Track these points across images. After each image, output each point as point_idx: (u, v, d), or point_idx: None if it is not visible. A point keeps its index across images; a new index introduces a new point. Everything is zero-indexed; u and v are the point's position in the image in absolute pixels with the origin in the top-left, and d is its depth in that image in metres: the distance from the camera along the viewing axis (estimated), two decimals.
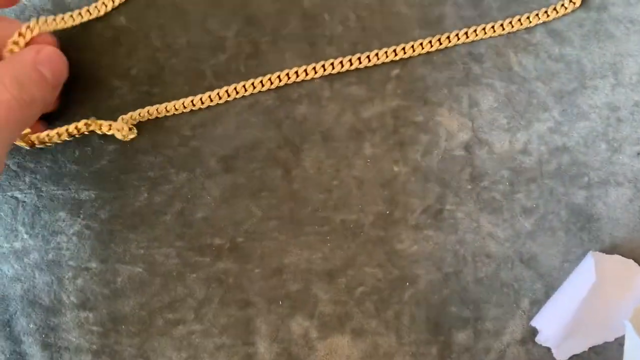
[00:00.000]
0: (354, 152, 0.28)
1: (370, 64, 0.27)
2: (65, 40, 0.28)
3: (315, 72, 0.27)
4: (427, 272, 0.27)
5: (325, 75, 0.28)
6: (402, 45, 0.27)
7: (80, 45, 0.28)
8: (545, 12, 0.27)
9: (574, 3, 0.27)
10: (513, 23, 0.27)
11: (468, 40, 0.27)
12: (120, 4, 0.28)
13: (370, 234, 0.27)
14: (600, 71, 0.27)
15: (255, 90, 0.28)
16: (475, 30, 0.27)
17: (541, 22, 0.27)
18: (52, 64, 0.26)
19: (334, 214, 0.27)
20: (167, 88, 0.28)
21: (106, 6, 0.28)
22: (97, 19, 0.28)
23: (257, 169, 0.28)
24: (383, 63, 0.27)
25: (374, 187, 0.27)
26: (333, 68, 0.27)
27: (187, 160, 0.28)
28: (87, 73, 0.28)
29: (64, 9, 0.28)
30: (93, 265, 0.27)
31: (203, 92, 0.27)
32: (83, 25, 0.28)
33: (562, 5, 0.27)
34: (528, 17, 0.27)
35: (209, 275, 0.27)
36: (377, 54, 0.27)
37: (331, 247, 0.27)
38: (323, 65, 0.27)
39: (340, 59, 0.27)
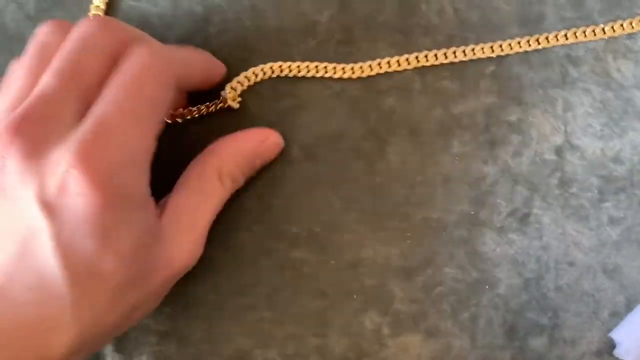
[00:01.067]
0: (442, 149, 0.27)
1: (466, 59, 0.27)
2: (152, 14, 0.27)
3: (409, 64, 0.27)
4: (507, 277, 0.27)
5: (418, 68, 0.27)
6: (499, 42, 0.27)
7: (167, 20, 0.27)
8: None
9: None
10: (615, 28, 0.27)
11: (567, 42, 0.27)
12: None
13: (452, 233, 0.27)
14: None
15: (345, 76, 0.27)
16: (575, 33, 0.27)
17: (638, 30, 0.27)
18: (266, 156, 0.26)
19: (416, 211, 0.27)
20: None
21: None
22: None
23: (340, 159, 0.27)
24: (478, 59, 0.27)
25: (460, 185, 0.27)
26: (427, 60, 0.27)
27: None
28: None
29: None
30: None
31: (291, 78, 0.27)
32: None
33: None
34: (631, 23, 0.26)
35: (283, 262, 0.27)
36: (473, 49, 0.27)
37: (410, 244, 0.27)
38: (417, 57, 0.27)
39: (434, 52, 0.27)
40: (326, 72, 0.27)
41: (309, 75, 0.27)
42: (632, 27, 0.26)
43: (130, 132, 0.21)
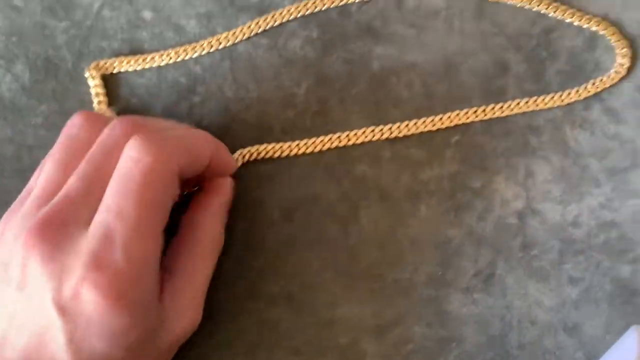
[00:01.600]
0: (410, 213, 0.29)
1: (433, 129, 0.28)
2: (138, 85, 0.29)
3: (382, 135, 0.28)
4: (473, 334, 0.28)
5: (388, 138, 0.29)
6: (464, 111, 0.28)
7: (153, 90, 0.29)
8: (593, 83, 0.28)
9: (619, 73, 0.28)
10: (571, 94, 0.28)
11: (526, 110, 0.28)
12: (197, 56, 0.29)
13: (421, 293, 0.28)
14: None
15: (324, 148, 0.29)
16: (535, 101, 0.28)
17: (592, 93, 0.28)
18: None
19: (387, 271, 0.28)
20: (236, 139, 0.29)
21: (184, 54, 0.29)
22: (173, 65, 0.29)
23: (316, 222, 0.29)
24: (444, 128, 0.29)
25: (427, 248, 0.28)
26: (398, 131, 0.28)
27: (248, 210, 0.29)
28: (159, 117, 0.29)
29: (141, 51, 0.29)
30: None
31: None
32: (158, 69, 0.29)
33: (609, 76, 0.28)
34: (586, 87, 0.28)
35: (262, 320, 0.28)
36: (440, 118, 0.28)
37: (382, 304, 0.28)
38: (390, 128, 0.28)
39: (405, 123, 0.28)
40: (306, 148, 0.28)
41: (291, 154, 0.29)
42: (588, 92, 0.28)
43: (134, 241, 0.23)
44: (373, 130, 0.28)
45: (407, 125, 0.28)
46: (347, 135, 0.29)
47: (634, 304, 0.28)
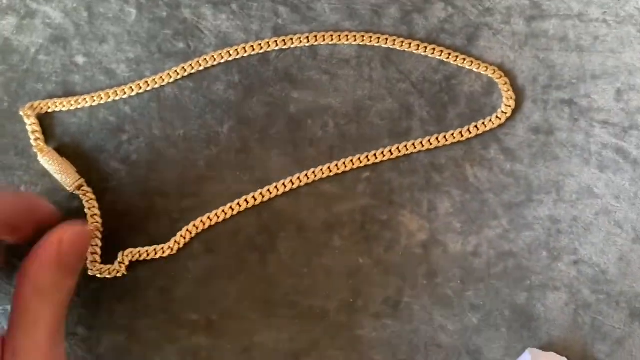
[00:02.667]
0: (325, 243, 0.31)
1: (347, 169, 0.31)
2: (71, 124, 0.31)
3: (300, 182, 0.31)
4: (383, 358, 0.30)
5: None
6: (373, 152, 0.31)
7: (84, 129, 0.31)
8: (483, 122, 0.31)
9: (506, 113, 0.31)
10: (470, 129, 0.31)
11: (429, 147, 0.31)
12: (127, 97, 0.31)
13: (334, 319, 0.30)
14: (545, 187, 0.31)
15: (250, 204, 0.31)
16: (437, 138, 0.31)
17: (481, 132, 0.31)
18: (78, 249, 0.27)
19: (303, 299, 0.30)
20: (163, 174, 0.31)
21: (114, 95, 0.31)
22: (104, 105, 0.31)
23: (236, 252, 0.31)
24: (357, 168, 0.31)
25: (340, 276, 0.30)
26: (315, 176, 0.31)
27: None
28: (87, 156, 0.31)
29: (74, 93, 0.31)
30: (80, 331, 0.30)
31: (195, 180, 0.31)
32: (90, 109, 0.31)
33: (497, 116, 0.31)
34: (483, 123, 0.31)
35: (185, 348, 0.30)
36: (351, 160, 0.31)
37: (298, 330, 0.30)
38: (306, 175, 0.31)
39: (319, 168, 0.31)
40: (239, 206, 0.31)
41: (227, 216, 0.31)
42: (485, 127, 0.31)
43: None
44: (292, 178, 0.31)
45: (321, 169, 0.31)
46: (268, 176, 0.31)
47: (530, 328, 0.30)
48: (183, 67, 0.31)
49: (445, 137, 0.31)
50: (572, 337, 0.30)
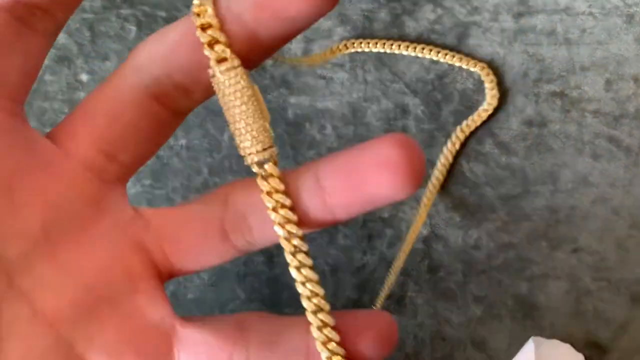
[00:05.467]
0: (328, 242, 0.32)
1: None
2: None
3: None
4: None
5: None
6: None
7: None
8: (472, 119, 0.32)
9: (487, 111, 0.32)
10: (455, 139, 0.32)
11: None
12: None
13: None
14: (541, 178, 0.32)
15: None
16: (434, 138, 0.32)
17: (473, 128, 0.32)
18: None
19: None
20: (168, 183, 0.32)
21: None
22: None
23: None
24: None
25: (345, 274, 0.31)
26: None
27: None
28: None
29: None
30: None
31: (199, 187, 0.32)
32: None
33: (479, 114, 0.32)
34: (473, 119, 0.32)
35: None
36: None
37: None
38: None
39: None
40: None
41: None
42: (473, 124, 0.32)
43: None
44: None
45: None
46: None
47: (533, 317, 0.31)
48: None
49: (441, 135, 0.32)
50: (574, 325, 0.31)
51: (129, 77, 0.19)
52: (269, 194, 0.19)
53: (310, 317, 0.21)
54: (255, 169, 0.19)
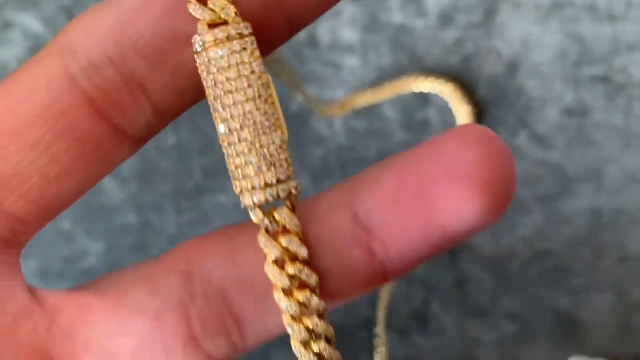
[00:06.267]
0: None
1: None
2: None
3: None
4: None
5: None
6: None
7: None
8: None
9: None
10: None
11: None
12: None
13: (356, 337, 0.27)
14: (583, 176, 0.28)
15: None
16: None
17: None
18: None
19: None
20: (157, 187, 0.28)
21: None
22: None
23: None
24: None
25: None
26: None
27: None
28: None
29: None
30: None
31: (191, 191, 0.28)
32: None
33: None
34: None
35: None
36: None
37: None
38: None
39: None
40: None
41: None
42: None
43: None
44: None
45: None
46: None
47: (575, 336, 0.27)
48: None
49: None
50: (622, 343, 0.27)
51: (47, 66, 0.12)
52: (277, 263, 0.12)
53: None
54: (256, 217, 0.12)
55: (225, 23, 0.12)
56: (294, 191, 0.12)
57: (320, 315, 0.12)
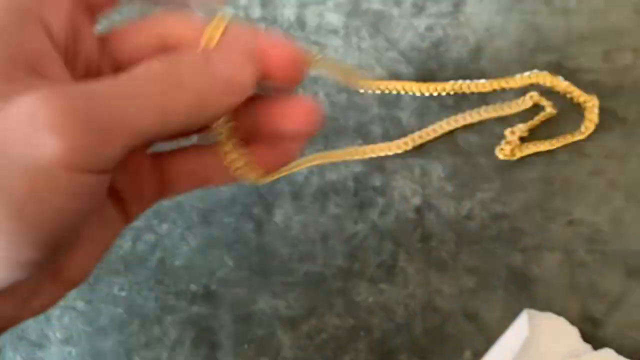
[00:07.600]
0: (320, 211, 0.31)
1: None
2: None
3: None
4: (380, 323, 0.30)
5: None
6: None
7: None
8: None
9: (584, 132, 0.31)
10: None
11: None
12: None
13: (331, 285, 0.31)
14: None
15: None
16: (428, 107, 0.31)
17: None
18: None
19: (300, 266, 0.31)
20: None
21: None
22: None
23: (232, 222, 0.31)
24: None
25: (336, 242, 0.31)
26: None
27: (170, 212, 0.31)
28: None
29: None
30: (79, 304, 0.30)
31: None
32: None
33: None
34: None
35: (183, 318, 0.30)
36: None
37: (295, 296, 0.30)
38: None
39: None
40: None
41: None
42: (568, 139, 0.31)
43: None
44: None
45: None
46: None
47: (527, 289, 0.30)
48: None
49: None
50: (569, 297, 0.30)
51: None
52: None
53: None
54: None
55: None
56: None
57: None
